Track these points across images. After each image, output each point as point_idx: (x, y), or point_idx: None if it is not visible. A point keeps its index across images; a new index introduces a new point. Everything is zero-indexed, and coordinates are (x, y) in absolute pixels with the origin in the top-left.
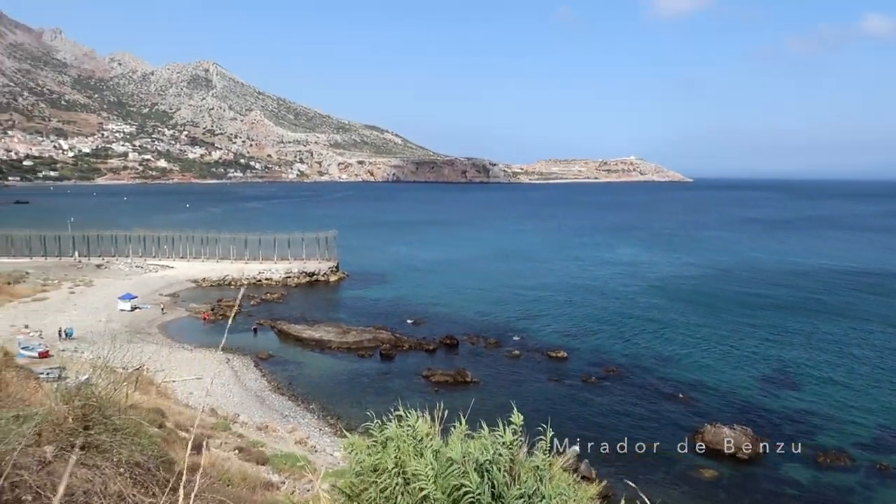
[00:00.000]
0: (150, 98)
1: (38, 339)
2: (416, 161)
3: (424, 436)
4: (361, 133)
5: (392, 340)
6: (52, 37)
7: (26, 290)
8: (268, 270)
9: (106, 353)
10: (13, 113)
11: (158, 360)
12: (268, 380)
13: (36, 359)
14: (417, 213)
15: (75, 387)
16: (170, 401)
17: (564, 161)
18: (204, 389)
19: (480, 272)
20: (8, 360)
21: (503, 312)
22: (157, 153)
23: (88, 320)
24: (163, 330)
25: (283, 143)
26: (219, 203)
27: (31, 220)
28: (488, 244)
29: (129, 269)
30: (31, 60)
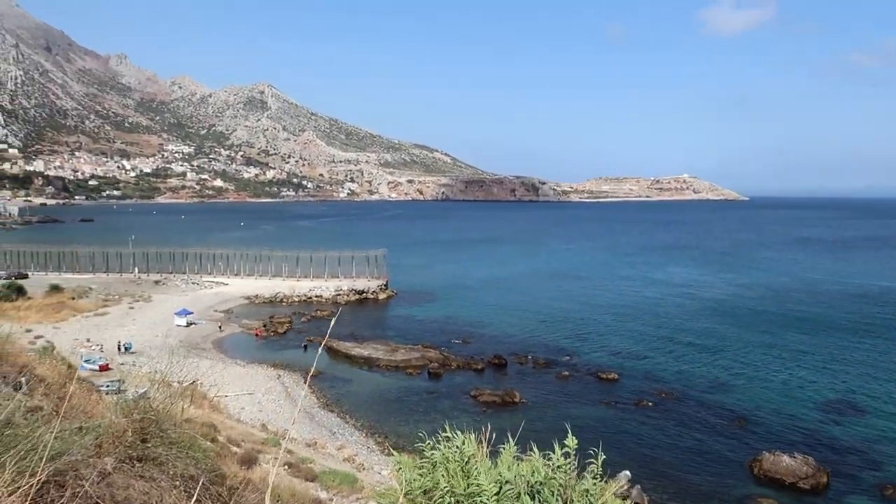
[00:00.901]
0: (207, 119)
1: (98, 352)
2: (466, 180)
3: (472, 456)
4: (411, 152)
5: (440, 359)
6: (117, 62)
7: (89, 304)
8: (318, 288)
9: (162, 367)
10: (81, 135)
11: (212, 374)
12: (317, 396)
13: (97, 372)
14: (466, 231)
15: (134, 400)
16: (222, 415)
17: (615, 179)
18: (256, 405)
19: (529, 291)
20: (71, 373)
21: (552, 332)
22: (214, 173)
23: (146, 335)
24: (217, 345)
25: (334, 163)
26: (272, 221)
27: (95, 238)
28: (537, 263)
29: (186, 285)
30: (98, 85)
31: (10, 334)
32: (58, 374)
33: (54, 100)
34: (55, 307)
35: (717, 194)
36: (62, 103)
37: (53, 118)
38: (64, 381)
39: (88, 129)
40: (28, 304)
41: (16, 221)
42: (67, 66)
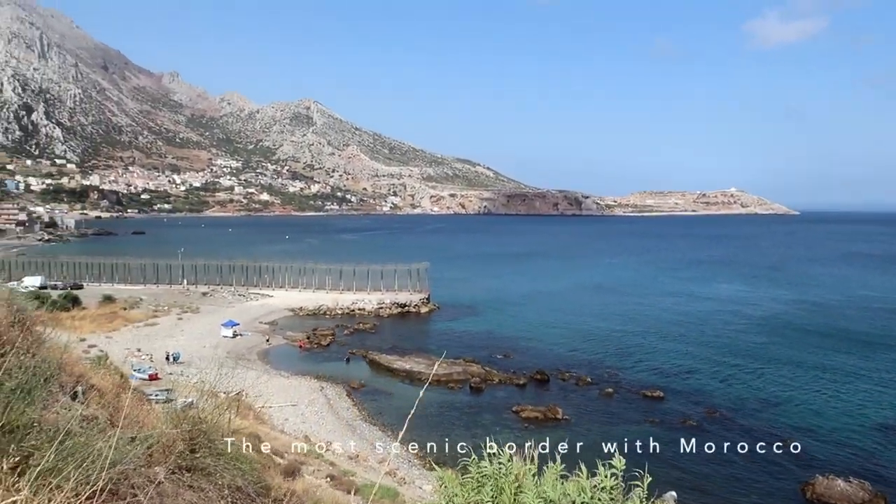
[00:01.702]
0: (255, 135)
1: (148, 362)
2: (508, 194)
3: (520, 475)
4: (453, 166)
5: (482, 374)
6: (170, 80)
7: (140, 315)
8: (361, 301)
9: (209, 377)
10: (134, 150)
11: (257, 385)
12: (359, 409)
13: (146, 381)
14: (508, 245)
15: (183, 410)
16: (266, 426)
17: (660, 193)
18: (299, 416)
19: (572, 306)
20: (124, 383)
21: (595, 348)
22: (261, 187)
23: (194, 345)
24: (262, 356)
25: (377, 177)
26: (316, 235)
27: (146, 250)
28: (580, 277)
29: (233, 297)
30: (152, 102)
31: (68, 344)
32: (111, 383)
33: (110, 116)
34: (108, 317)
35: (765, 208)
36: (117, 120)
37: (109, 134)
38: (117, 391)
39: (141, 145)
40: (83, 314)
41: (72, 234)
42: (123, 85)
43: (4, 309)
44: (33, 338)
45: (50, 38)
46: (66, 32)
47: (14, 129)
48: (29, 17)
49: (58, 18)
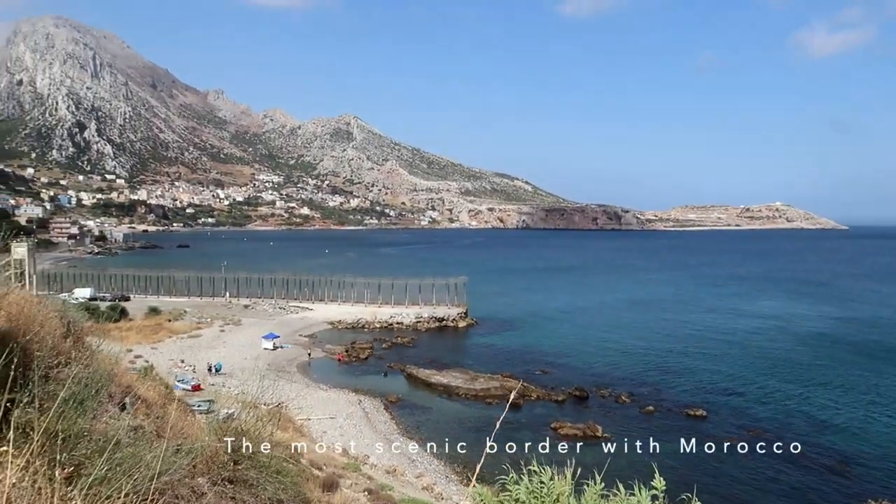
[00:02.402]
0: (296, 150)
1: (191, 372)
2: (546, 208)
3: (560, 494)
4: (492, 181)
5: (520, 389)
6: (215, 97)
7: (184, 326)
8: (399, 315)
9: (251, 389)
10: (180, 166)
11: (296, 397)
12: (396, 423)
13: (189, 391)
14: (547, 260)
15: (224, 420)
16: (305, 438)
17: (702, 207)
18: (337, 429)
19: (611, 322)
20: (169, 394)
21: (635, 365)
22: (301, 201)
23: (235, 357)
24: (301, 369)
25: (416, 191)
26: (355, 249)
27: (190, 263)
28: (619, 293)
29: (273, 310)
30: (197, 119)
31: (118, 355)
32: (158, 394)
33: (158, 133)
34: (153, 328)
35: (812, 223)
36: (164, 136)
37: (156, 150)
38: (163, 402)
39: (187, 161)
40: (129, 325)
41: (120, 247)
42: (170, 102)
43: (57, 320)
44: (85, 349)
45: (102, 58)
46: (117, 52)
47: (68, 145)
48: (83, 39)
49: (110, 39)
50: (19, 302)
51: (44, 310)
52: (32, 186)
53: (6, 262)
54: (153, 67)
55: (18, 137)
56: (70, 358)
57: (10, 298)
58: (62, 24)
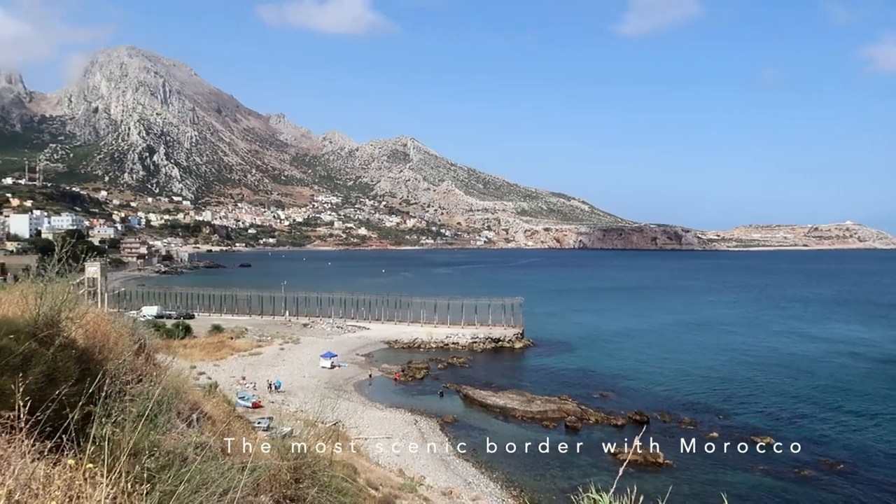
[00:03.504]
0: (354, 172)
1: (252, 390)
2: (604, 228)
3: None
4: (548, 200)
5: (578, 412)
6: (277, 121)
7: (245, 344)
8: (455, 335)
9: (311, 407)
10: (243, 188)
11: (353, 416)
12: (452, 444)
13: (250, 408)
14: (604, 280)
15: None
16: (362, 457)
17: (767, 227)
18: (393, 449)
19: (671, 344)
20: (233, 411)
21: (697, 389)
22: (359, 222)
23: (294, 375)
24: (358, 388)
25: (471, 212)
26: (411, 268)
27: (252, 282)
28: (680, 314)
29: (331, 328)
30: (260, 142)
31: (185, 372)
32: (223, 412)
33: (222, 156)
34: (216, 346)
35: (886, 242)
36: (228, 159)
37: (221, 173)
38: (227, 419)
39: (250, 183)
40: (193, 343)
41: (186, 266)
42: (234, 126)
43: (129, 337)
44: (155, 366)
45: (171, 86)
46: (185, 80)
47: (138, 169)
48: (154, 67)
49: (179, 67)
50: (96, 320)
51: (117, 327)
52: (105, 208)
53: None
54: (219, 93)
55: (94, 162)
56: (142, 374)
57: (87, 317)
58: (135, 53)
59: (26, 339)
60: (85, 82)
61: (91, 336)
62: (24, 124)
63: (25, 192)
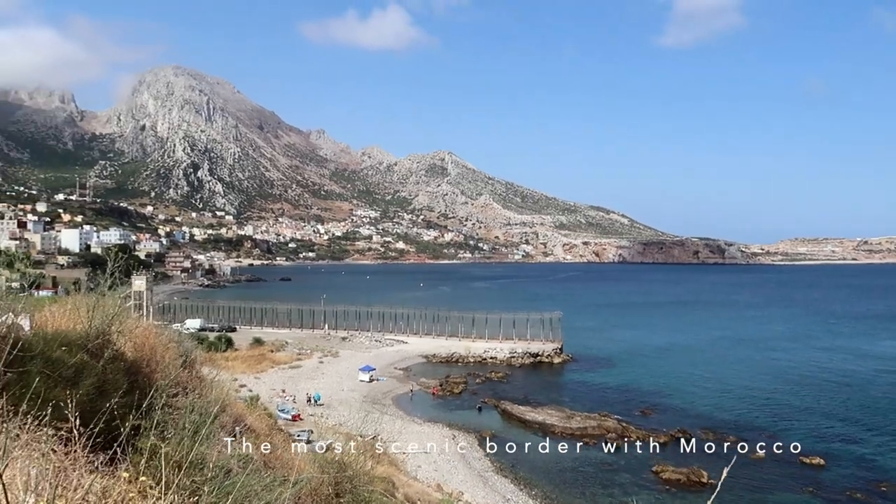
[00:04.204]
0: (392, 186)
1: (292, 403)
2: (644, 241)
3: None
4: (587, 214)
5: (618, 429)
6: (317, 136)
7: (285, 357)
8: (493, 349)
9: (350, 421)
10: (283, 202)
11: (391, 430)
12: (491, 460)
13: (290, 421)
14: (644, 294)
15: (326, 451)
16: (400, 471)
17: (814, 240)
18: (431, 463)
19: (714, 360)
20: (274, 424)
21: (742, 406)
22: (397, 235)
23: (333, 388)
24: (396, 402)
25: (509, 225)
26: (449, 282)
27: (292, 295)
28: (723, 330)
29: (370, 342)
30: (300, 158)
31: (229, 387)
32: (265, 425)
33: (264, 172)
34: (257, 358)
35: None
36: (270, 175)
37: (262, 188)
38: (269, 432)
39: (290, 197)
40: (235, 355)
41: (228, 280)
42: (275, 142)
43: (175, 350)
44: (200, 379)
45: (215, 103)
46: (228, 97)
47: (183, 185)
48: (199, 86)
49: (222, 85)
50: (144, 333)
51: (164, 340)
52: (151, 223)
53: (128, 294)
54: (261, 110)
55: (141, 178)
56: (187, 387)
57: (136, 330)
58: (181, 72)
59: (78, 351)
60: (133, 101)
61: (139, 349)
62: (76, 142)
63: (76, 208)
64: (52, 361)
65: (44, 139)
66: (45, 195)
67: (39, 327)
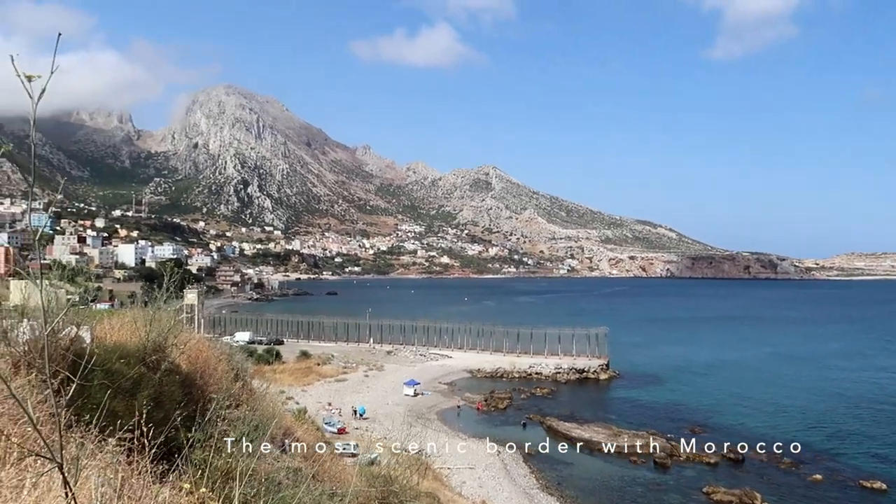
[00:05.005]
0: (437, 201)
1: (337, 416)
2: (693, 256)
3: None
4: (633, 228)
5: (667, 448)
6: (363, 153)
7: (331, 370)
8: (538, 365)
9: (395, 434)
10: (330, 217)
11: (435, 445)
12: (536, 477)
13: (335, 434)
14: (694, 310)
15: (369, 465)
16: (444, 487)
17: (872, 255)
18: (476, 479)
19: (767, 378)
20: (322, 437)
21: (796, 426)
22: (441, 250)
23: (378, 401)
24: (441, 416)
25: (554, 240)
26: (493, 297)
27: (337, 309)
28: (775, 346)
29: (414, 356)
30: (346, 173)
31: (279, 400)
32: (314, 438)
33: (311, 188)
34: (304, 371)
35: None
36: (317, 190)
37: (309, 203)
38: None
39: (336, 213)
40: (282, 368)
41: (276, 293)
42: (322, 158)
43: (227, 363)
44: (251, 391)
45: (265, 121)
46: (277, 115)
47: (234, 201)
48: (249, 104)
49: (271, 104)
50: (198, 346)
51: (216, 353)
52: (203, 238)
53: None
54: (308, 127)
55: (193, 194)
56: (239, 400)
57: (190, 343)
58: (232, 92)
59: (136, 363)
60: (187, 120)
61: (193, 361)
62: (133, 160)
63: (132, 224)
64: (111, 373)
65: (103, 157)
66: (103, 211)
67: (100, 339)
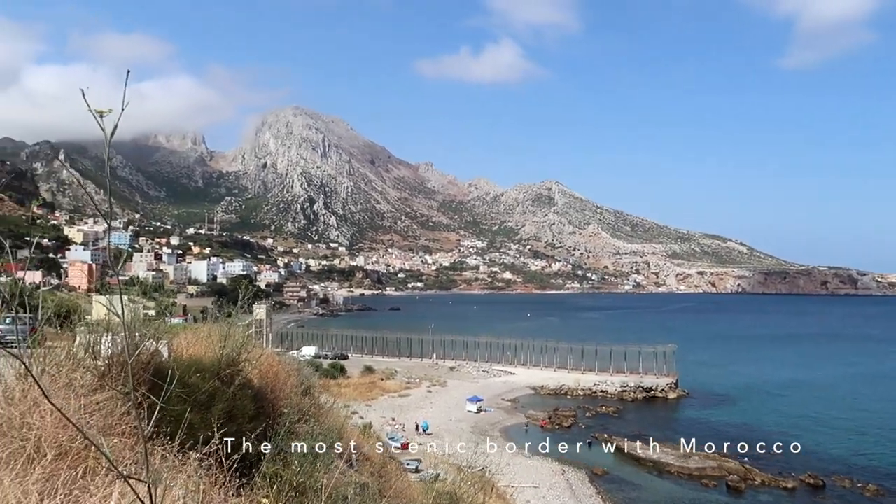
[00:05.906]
0: (499, 216)
1: (401, 431)
2: (765, 271)
3: None
4: (701, 242)
5: (740, 471)
6: (425, 169)
7: (394, 385)
8: (603, 382)
9: (459, 451)
10: (393, 234)
11: (499, 462)
12: (602, 498)
13: (399, 449)
14: (767, 327)
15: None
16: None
17: None
18: (541, 499)
19: (848, 399)
20: (388, 453)
21: (882, 451)
22: (503, 266)
23: (441, 417)
24: (504, 433)
25: (619, 255)
26: (557, 313)
27: (401, 325)
28: (856, 366)
29: (477, 372)
30: (409, 190)
31: (347, 415)
32: (378, 453)
33: (374, 204)
34: (368, 386)
35: None
36: (380, 207)
37: (373, 220)
38: (383, 460)
39: (399, 229)
40: (347, 382)
41: (340, 309)
42: (386, 176)
43: (296, 378)
44: (319, 406)
45: (330, 140)
46: (342, 134)
47: (300, 218)
48: (315, 124)
49: (337, 123)
50: (269, 361)
51: (286, 368)
52: (271, 255)
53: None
54: (372, 145)
55: (262, 212)
56: (307, 414)
57: (261, 358)
58: (299, 112)
59: (211, 377)
60: (256, 140)
61: (264, 376)
62: (205, 180)
63: (205, 241)
64: (187, 387)
65: (178, 178)
66: (177, 230)
67: (176, 354)
